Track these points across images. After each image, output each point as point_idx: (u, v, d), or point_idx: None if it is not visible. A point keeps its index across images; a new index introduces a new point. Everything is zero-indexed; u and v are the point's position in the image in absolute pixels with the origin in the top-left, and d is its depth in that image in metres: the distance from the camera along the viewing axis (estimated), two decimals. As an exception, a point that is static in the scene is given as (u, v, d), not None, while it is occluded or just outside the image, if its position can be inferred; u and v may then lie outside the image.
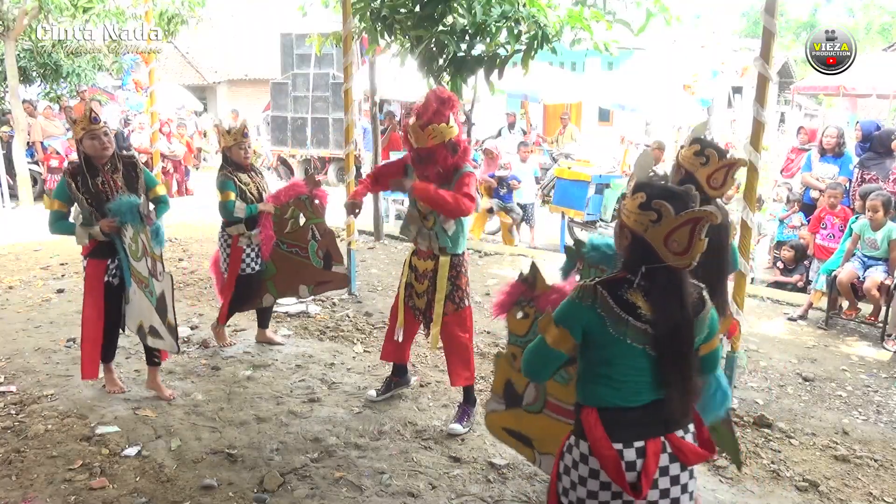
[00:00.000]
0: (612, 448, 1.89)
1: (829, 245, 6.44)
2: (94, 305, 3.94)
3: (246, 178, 4.59)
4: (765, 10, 3.96)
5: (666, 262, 1.86)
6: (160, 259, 3.73)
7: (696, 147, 2.88)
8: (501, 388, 2.70)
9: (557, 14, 6.22)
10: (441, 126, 3.44)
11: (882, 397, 4.51)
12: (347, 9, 5.97)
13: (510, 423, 2.70)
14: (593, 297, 1.88)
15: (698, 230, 1.83)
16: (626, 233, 1.92)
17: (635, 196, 1.89)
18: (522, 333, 2.54)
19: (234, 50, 23.77)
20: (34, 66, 12.39)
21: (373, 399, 4.13)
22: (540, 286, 2.44)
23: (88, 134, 3.72)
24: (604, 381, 1.93)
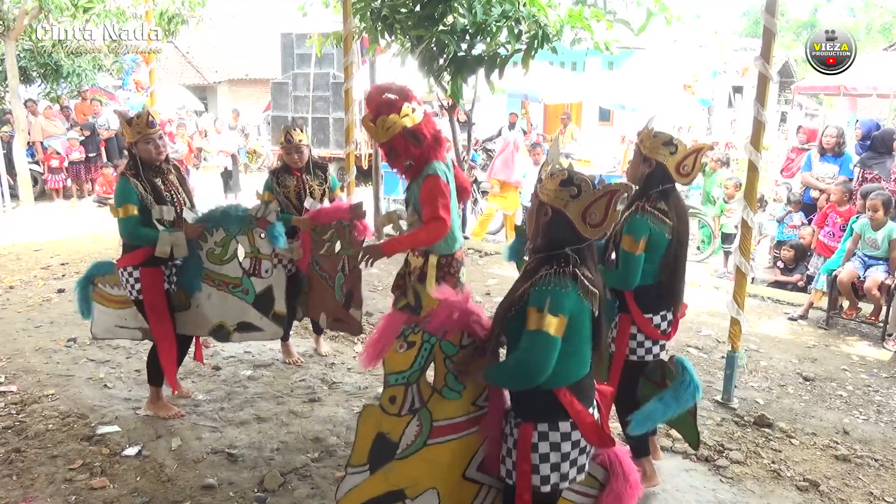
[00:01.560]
0: (591, 416, 2.15)
1: (828, 242, 6.44)
2: (160, 314, 3.70)
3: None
4: (765, 10, 3.95)
5: (584, 235, 2.07)
6: (269, 258, 3.85)
7: (664, 138, 3.06)
8: (366, 452, 2.33)
9: (558, 13, 6.22)
10: (391, 117, 3.28)
11: (883, 397, 4.51)
12: (348, 9, 5.97)
13: (372, 491, 2.34)
14: (574, 284, 2.04)
15: (614, 202, 2.05)
16: (546, 209, 2.10)
17: (556, 175, 2.10)
18: (406, 368, 2.27)
19: (234, 50, 23.78)
20: (34, 66, 12.38)
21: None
22: (427, 305, 2.35)
23: (144, 138, 3.60)
24: (570, 358, 2.08)
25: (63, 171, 11.76)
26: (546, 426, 2.11)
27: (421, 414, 2.32)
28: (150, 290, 3.64)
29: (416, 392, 2.31)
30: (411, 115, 3.34)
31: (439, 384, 2.32)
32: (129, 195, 3.54)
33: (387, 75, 10.10)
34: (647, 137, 3.08)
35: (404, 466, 2.34)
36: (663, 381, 3.10)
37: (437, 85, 6.78)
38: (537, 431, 2.11)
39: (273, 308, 3.94)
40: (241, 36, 23.61)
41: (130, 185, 3.54)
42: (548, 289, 2.02)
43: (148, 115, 3.66)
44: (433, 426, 2.33)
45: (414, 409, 2.32)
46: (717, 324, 5.66)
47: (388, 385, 2.30)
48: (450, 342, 2.29)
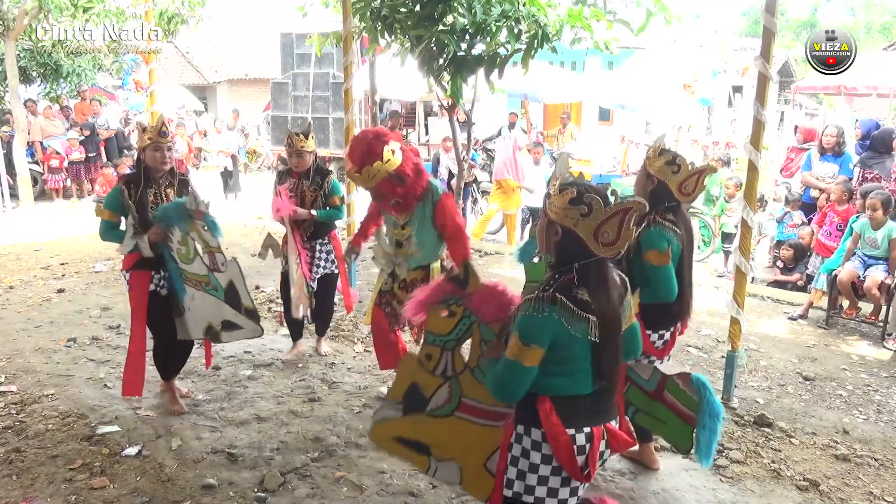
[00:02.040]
0: (566, 433, 2.01)
1: (826, 242, 6.44)
2: (140, 318, 3.82)
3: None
4: (765, 10, 3.95)
5: (596, 254, 1.98)
6: (219, 250, 3.76)
7: (668, 157, 3.07)
8: (402, 392, 2.50)
9: (557, 13, 6.22)
10: (375, 165, 3.45)
11: (882, 396, 4.51)
12: (347, 8, 5.97)
13: (404, 432, 2.51)
14: (551, 307, 1.94)
15: (627, 220, 1.96)
16: (556, 228, 2.02)
17: (565, 192, 2.00)
18: (446, 332, 2.40)
19: (234, 50, 23.77)
20: (34, 66, 12.38)
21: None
22: (473, 285, 2.36)
23: (153, 145, 3.67)
24: (558, 372, 2.01)
25: (63, 171, 11.76)
26: (522, 428, 2.09)
27: (452, 383, 2.43)
28: (134, 291, 3.79)
29: (450, 360, 2.43)
30: (392, 158, 3.50)
31: (472, 363, 2.39)
32: (114, 202, 3.71)
33: (386, 75, 10.12)
34: (654, 155, 3.11)
35: (433, 425, 2.47)
36: (660, 394, 3.02)
37: (437, 85, 6.78)
38: (516, 432, 2.10)
39: (241, 303, 3.82)
40: (241, 36, 23.60)
41: (118, 193, 3.69)
42: (525, 315, 1.96)
43: (162, 125, 3.72)
44: (461, 400, 2.43)
45: (447, 375, 2.44)
46: (716, 323, 5.66)
47: (427, 342, 2.45)
48: (490, 328, 2.33)
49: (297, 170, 4.46)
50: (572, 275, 1.98)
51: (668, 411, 2.94)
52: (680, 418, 2.91)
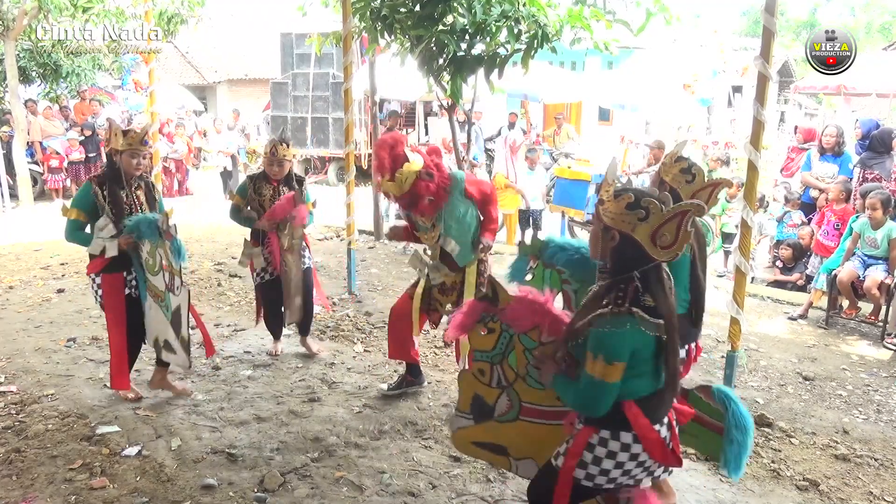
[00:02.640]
0: (655, 431, 2.09)
1: (825, 242, 6.45)
2: (116, 319, 3.86)
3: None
4: (765, 10, 3.96)
5: (654, 258, 2.00)
6: (179, 273, 3.74)
7: (683, 164, 2.97)
8: (468, 403, 2.62)
9: (557, 13, 6.22)
10: (406, 167, 3.49)
11: (882, 396, 4.51)
12: (347, 8, 5.97)
13: (481, 437, 2.64)
14: (630, 320, 1.98)
15: (685, 222, 1.98)
16: (613, 234, 2.03)
17: (621, 198, 2.02)
18: (490, 348, 2.49)
19: (234, 50, 23.76)
20: (34, 66, 12.38)
21: (383, 392, 4.19)
22: (503, 299, 2.40)
23: (131, 152, 3.71)
24: (639, 375, 2.05)
25: (63, 171, 11.76)
26: (608, 433, 2.11)
27: (509, 391, 2.53)
28: (109, 294, 3.82)
29: (502, 372, 2.52)
30: (414, 156, 3.54)
31: (522, 371, 2.47)
32: (84, 201, 3.71)
33: (386, 75, 10.11)
34: (671, 161, 3.02)
35: (504, 429, 2.57)
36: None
37: (437, 85, 6.78)
38: (598, 436, 2.12)
39: (180, 332, 3.79)
40: (241, 36, 23.59)
41: (90, 193, 3.70)
42: (605, 331, 1.98)
43: (145, 134, 3.77)
44: (522, 405, 2.52)
45: (501, 385, 2.54)
46: (716, 323, 5.66)
47: (475, 359, 2.55)
48: (528, 336, 2.39)
49: (276, 178, 4.48)
50: (635, 283, 2.01)
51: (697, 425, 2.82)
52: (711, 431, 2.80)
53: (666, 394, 2.14)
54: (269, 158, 4.44)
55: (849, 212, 6.29)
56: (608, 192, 2.06)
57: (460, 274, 3.83)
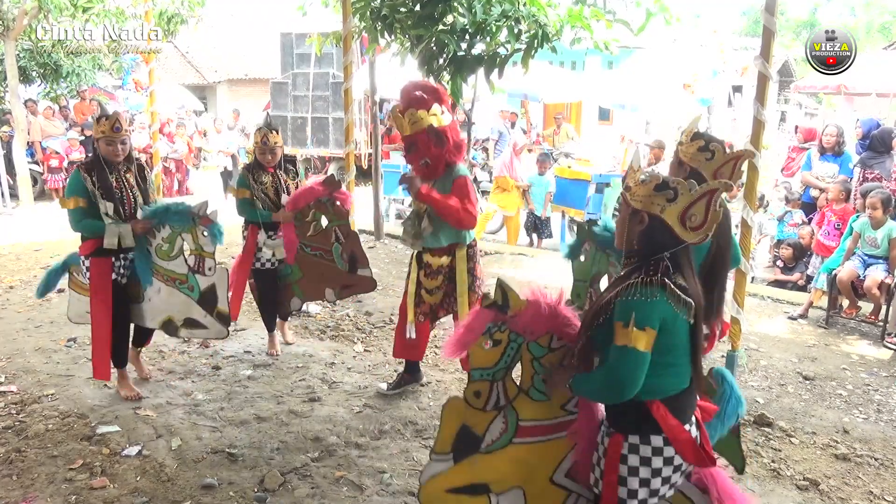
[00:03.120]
0: (686, 432, 2.03)
1: (825, 241, 6.45)
2: (102, 304, 3.90)
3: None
4: (765, 9, 3.96)
5: (684, 240, 1.98)
6: (211, 256, 3.90)
7: (700, 143, 2.84)
8: (450, 441, 2.35)
9: (557, 13, 6.22)
10: (420, 112, 3.46)
11: (882, 396, 4.51)
12: (347, 8, 5.98)
13: (458, 481, 2.36)
14: (661, 291, 1.94)
15: (714, 201, 1.96)
16: (641, 216, 2.01)
17: (649, 180, 2.01)
18: (492, 364, 2.26)
19: (234, 50, 23.74)
20: (34, 66, 12.37)
21: (382, 391, 4.19)
22: (514, 305, 2.22)
23: (106, 139, 3.77)
24: (665, 370, 2.00)
25: (63, 171, 11.73)
26: (637, 438, 2.04)
27: (507, 412, 2.32)
28: (96, 278, 3.87)
29: (502, 389, 2.31)
30: (439, 115, 3.52)
31: (526, 385, 2.30)
32: (78, 188, 3.74)
33: (386, 75, 10.11)
34: (687, 140, 2.91)
35: (490, 461, 2.34)
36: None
37: (437, 84, 6.78)
38: (628, 443, 2.05)
39: (216, 306, 4.01)
40: (241, 36, 23.58)
41: (81, 179, 3.73)
42: (633, 300, 1.93)
43: (115, 121, 3.77)
44: (519, 425, 2.32)
45: (499, 406, 2.32)
46: (716, 323, 5.66)
47: (473, 380, 2.31)
48: (538, 343, 2.25)
49: (269, 165, 4.53)
50: (665, 263, 1.98)
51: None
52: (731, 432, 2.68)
53: (690, 392, 2.09)
54: (262, 147, 4.48)
55: (848, 211, 6.29)
56: (634, 178, 2.04)
57: (445, 258, 3.77)
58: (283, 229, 4.51)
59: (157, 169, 8.54)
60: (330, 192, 4.50)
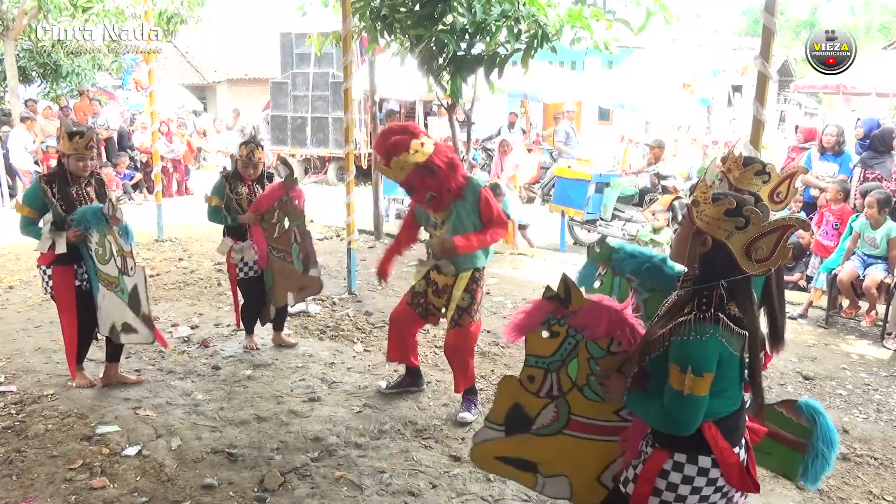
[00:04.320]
0: (735, 455, 1.96)
1: (824, 241, 6.45)
2: (66, 312, 4.00)
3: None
4: (764, 9, 3.96)
5: (744, 269, 1.90)
6: (131, 255, 3.87)
7: (757, 167, 2.80)
8: (503, 414, 2.43)
9: (557, 13, 6.23)
10: (402, 156, 3.48)
11: (882, 396, 4.51)
12: (347, 8, 5.97)
13: (508, 451, 2.46)
14: (715, 328, 1.87)
15: (786, 238, 1.88)
16: (705, 239, 1.94)
17: (722, 202, 1.91)
18: (548, 354, 2.29)
19: (234, 49, 23.75)
20: (34, 66, 12.39)
21: (381, 390, 4.21)
22: (576, 302, 2.21)
23: (77, 156, 3.84)
24: (718, 396, 1.94)
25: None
26: (684, 457, 1.98)
27: (559, 402, 2.35)
28: (59, 286, 3.96)
29: (556, 381, 2.33)
30: (421, 150, 3.51)
31: (581, 381, 2.31)
32: (33, 199, 3.89)
33: (386, 75, 10.11)
34: (736, 167, 2.85)
35: (541, 443, 2.39)
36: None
37: (437, 84, 6.78)
38: (673, 460, 1.99)
39: (141, 309, 3.93)
40: (241, 36, 23.58)
41: (39, 191, 3.85)
42: (689, 340, 1.86)
43: (90, 140, 3.87)
44: (571, 418, 2.35)
45: (552, 395, 2.35)
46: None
47: (528, 364, 2.35)
48: (597, 344, 2.24)
49: (250, 178, 4.63)
50: (720, 290, 1.91)
51: (771, 442, 2.71)
52: (786, 446, 2.69)
53: (740, 414, 2.03)
54: (246, 161, 4.59)
55: (847, 211, 6.29)
56: (705, 194, 1.95)
57: (451, 278, 3.78)
58: (253, 233, 4.62)
59: (157, 169, 8.56)
60: (288, 191, 4.63)
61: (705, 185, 1.98)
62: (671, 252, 2.12)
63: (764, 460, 2.82)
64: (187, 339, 5.04)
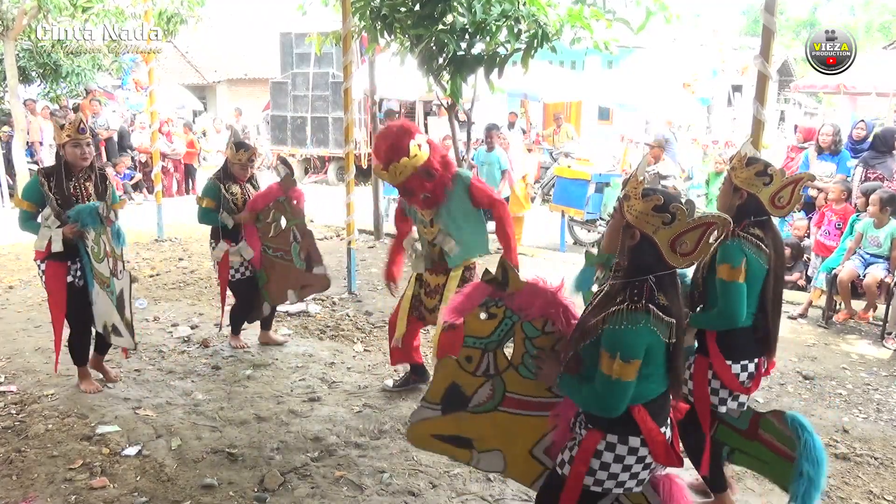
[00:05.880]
0: (662, 434, 2.09)
1: (825, 242, 6.45)
2: (55, 307, 3.99)
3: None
4: (764, 9, 3.96)
5: (669, 263, 2.00)
6: (121, 258, 3.85)
7: (758, 167, 2.77)
8: (440, 394, 2.50)
9: (557, 13, 6.23)
10: (402, 161, 3.47)
11: (882, 395, 4.51)
12: (347, 8, 5.97)
13: (443, 429, 2.54)
14: (646, 318, 1.97)
15: (707, 234, 1.97)
16: (634, 232, 2.02)
17: (650, 198, 1.99)
18: (486, 335, 2.39)
19: (234, 49, 23.77)
20: (34, 66, 12.36)
21: (388, 388, 4.23)
22: (514, 285, 2.31)
23: (72, 142, 3.81)
24: (646, 379, 2.04)
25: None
26: (615, 438, 2.09)
27: (494, 380, 2.44)
28: (51, 281, 3.95)
29: (492, 360, 2.43)
30: (420, 152, 3.50)
31: (516, 361, 2.40)
32: (32, 192, 3.88)
33: (386, 75, 10.11)
34: (740, 166, 2.80)
35: (476, 420, 2.48)
36: (754, 433, 2.79)
37: (437, 84, 6.78)
38: (605, 441, 2.10)
39: (125, 314, 3.90)
40: (241, 36, 23.59)
41: (38, 184, 3.83)
42: (620, 328, 1.97)
43: (80, 122, 3.84)
44: (506, 395, 2.44)
45: (489, 374, 2.44)
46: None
47: (466, 345, 2.44)
48: (532, 324, 2.33)
49: (243, 179, 4.68)
50: (649, 284, 2.00)
51: (768, 451, 2.74)
52: (782, 457, 2.69)
53: (670, 396, 2.16)
54: (244, 164, 4.62)
55: (849, 211, 6.29)
56: (636, 189, 2.02)
57: (443, 276, 3.79)
58: (246, 233, 4.64)
59: (157, 169, 8.57)
60: (286, 192, 4.64)
61: (636, 181, 2.04)
62: (604, 243, 2.22)
63: (760, 468, 2.84)
64: (187, 339, 5.04)
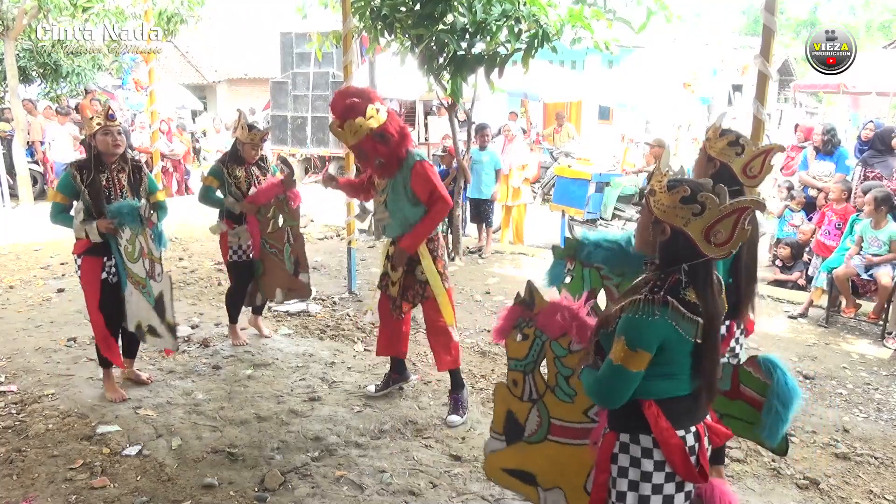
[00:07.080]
0: (676, 436, 1.93)
1: (826, 241, 6.45)
2: (91, 300, 3.94)
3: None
4: (765, 8, 3.96)
5: (705, 254, 1.88)
6: (159, 261, 3.78)
7: (730, 137, 2.83)
8: (502, 422, 2.53)
9: (558, 13, 6.23)
10: (358, 121, 3.45)
11: (882, 395, 4.51)
12: (347, 8, 5.97)
13: (511, 463, 2.53)
14: (663, 309, 1.86)
15: (743, 219, 1.85)
16: (664, 228, 1.92)
17: (676, 190, 1.90)
18: (522, 357, 2.45)
19: (234, 49, 23.76)
20: (34, 66, 12.37)
21: (371, 394, 4.17)
22: (538, 304, 2.37)
23: (102, 129, 3.75)
24: (661, 374, 1.94)
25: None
26: (627, 437, 1.98)
27: (538, 406, 2.47)
28: (86, 276, 3.93)
29: (533, 383, 2.48)
30: (376, 115, 3.49)
31: (552, 382, 2.43)
32: (65, 186, 3.81)
33: (386, 74, 10.12)
34: (714, 136, 2.86)
35: (532, 452, 2.50)
36: (737, 391, 2.78)
37: (437, 84, 6.78)
38: (619, 442, 2.00)
39: (165, 317, 3.84)
40: (241, 35, 23.59)
41: (70, 177, 3.77)
42: (634, 318, 1.87)
43: (108, 109, 3.82)
44: (551, 422, 2.46)
45: (532, 398, 2.48)
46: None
47: (510, 369, 2.51)
48: (559, 343, 2.35)
49: (251, 161, 4.69)
50: (679, 275, 1.90)
51: (751, 409, 2.70)
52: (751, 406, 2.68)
53: (698, 401, 1.99)
54: (256, 145, 4.65)
55: (850, 210, 6.29)
56: (661, 182, 1.94)
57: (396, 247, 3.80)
58: (248, 223, 4.68)
59: (157, 169, 8.56)
60: (285, 191, 4.71)
61: (660, 174, 1.97)
62: (635, 242, 2.12)
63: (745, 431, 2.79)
64: (188, 339, 5.04)
